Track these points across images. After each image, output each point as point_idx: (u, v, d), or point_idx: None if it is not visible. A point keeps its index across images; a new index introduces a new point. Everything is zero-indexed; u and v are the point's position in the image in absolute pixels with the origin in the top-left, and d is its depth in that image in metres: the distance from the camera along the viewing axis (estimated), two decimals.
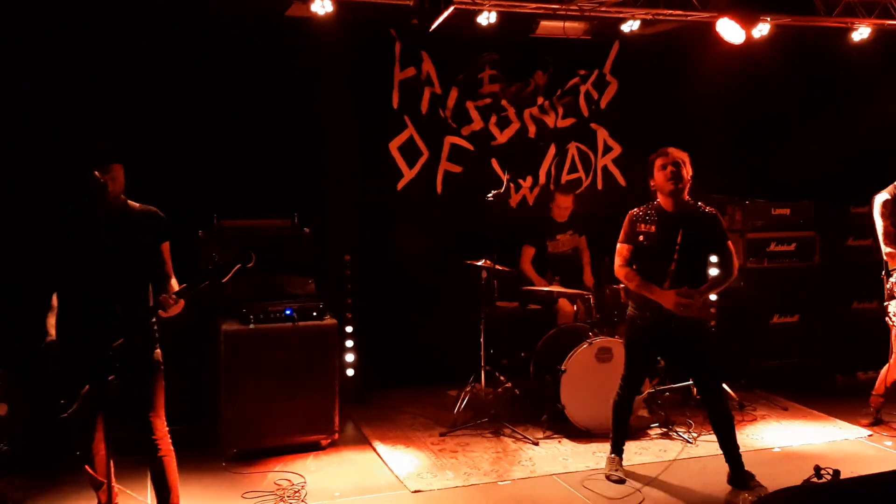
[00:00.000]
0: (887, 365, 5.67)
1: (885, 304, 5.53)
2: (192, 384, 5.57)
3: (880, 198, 5.54)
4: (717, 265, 4.85)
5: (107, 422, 3.62)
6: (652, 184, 4.74)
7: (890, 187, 5.54)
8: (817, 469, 4.53)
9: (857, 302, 7.21)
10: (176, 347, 5.27)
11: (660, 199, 4.73)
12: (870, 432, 5.67)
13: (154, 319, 3.90)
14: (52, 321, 3.79)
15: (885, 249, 5.49)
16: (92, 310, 3.71)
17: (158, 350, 3.96)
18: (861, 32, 6.66)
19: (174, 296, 3.79)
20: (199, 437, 5.34)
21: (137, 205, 3.94)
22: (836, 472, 4.51)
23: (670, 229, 4.62)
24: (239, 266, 3.80)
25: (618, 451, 4.92)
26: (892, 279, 5.46)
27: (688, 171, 4.68)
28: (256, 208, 5.91)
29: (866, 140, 7.27)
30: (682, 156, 4.70)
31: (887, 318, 5.51)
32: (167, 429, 3.98)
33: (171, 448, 3.98)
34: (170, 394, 4.03)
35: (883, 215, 5.49)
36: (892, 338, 5.54)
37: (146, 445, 3.91)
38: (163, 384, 3.96)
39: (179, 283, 3.97)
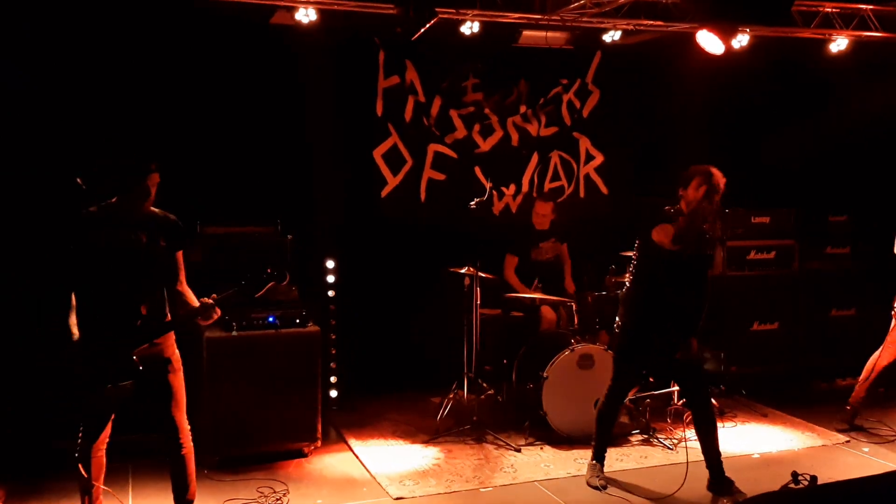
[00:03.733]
0: (878, 351, 5.72)
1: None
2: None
3: None
4: None
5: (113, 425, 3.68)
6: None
7: None
8: (795, 475, 4.58)
9: (836, 309, 7.30)
10: None
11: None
12: (847, 438, 5.74)
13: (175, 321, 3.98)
14: (73, 320, 3.82)
15: None
16: (115, 311, 3.77)
17: (178, 351, 4.04)
18: (839, 44, 6.76)
19: (209, 304, 3.87)
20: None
21: (158, 211, 3.99)
22: (814, 478, 4.57)
23: None
24: (273, 283, 3.87)
25: (599, 458, 4.96)
26: None
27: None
28: (239, 215, 5.90)
29: (843, 150, 7.38)
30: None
31: (894, 312, 5.57)
32: (189, 427, 4.08)
33: (192, 445, 4.10)
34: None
35: None
36: (892, 328, 5.59)
37: (169, 443, 4.00)
38: (183, 383, 4.03)
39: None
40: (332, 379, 6.36)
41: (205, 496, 4.75)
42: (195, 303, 3.96)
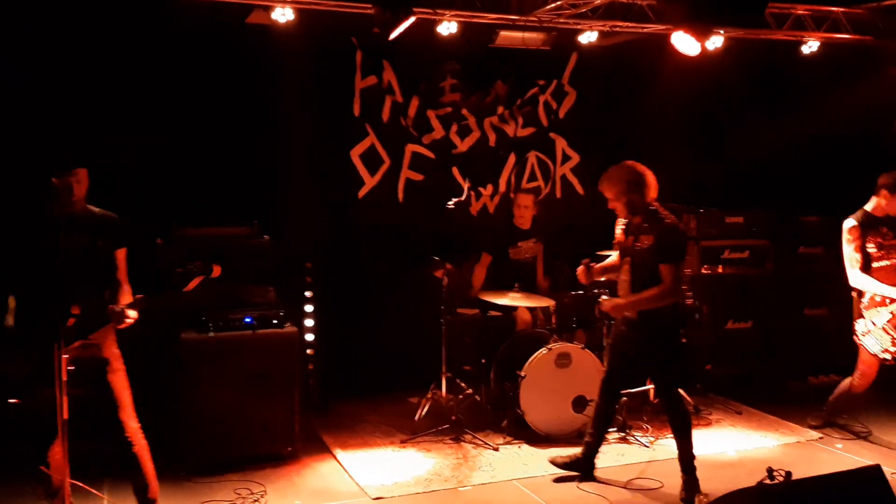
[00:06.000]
0: (849, 379, 5.74)
1: (854, 322, 5.62)
2: (151, 393, 5.50)
3: (847, 224, 5.56)
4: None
5: (67, 425, 3.61)
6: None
7: (857, 213, 5.57)
8: (770, 471, 4.63)
9: (808, 308, 7.40)
10: (135, 356, 5.25)
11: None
12: (821, 435, 5.81)
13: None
14: (10, 322, 3.76)
15: (850, 275, 5.52)
16: (49, 313, 3.67)
17: (118, 350, 3.96)
18: (810, 46, 6.85)
19: (126, 308, 3.78)
20: (159, 447, 5.25)
21: (97, 210, 3.93)
22: (788, 474, 4.61)
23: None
24: (202, 278, 3.81)
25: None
26: (863, 301, 5.54)
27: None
28: (217, 216, 5.87)
29: (816, 151, 7.48)
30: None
31: (854, 337, 5.61)
32: (138, 425, 4.02)
33: (145, 443, 4.04)
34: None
35: (849, 241, 5.52)
36: (860, 355, 5.62)
37: (119, 445, 3.95)
38: (127, 383, 3.97)
39: (136, 291, 3.96)
40: (310, 380, 6.34)
41: (181, 498, 4.73)
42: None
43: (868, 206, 5.58)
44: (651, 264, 4.64)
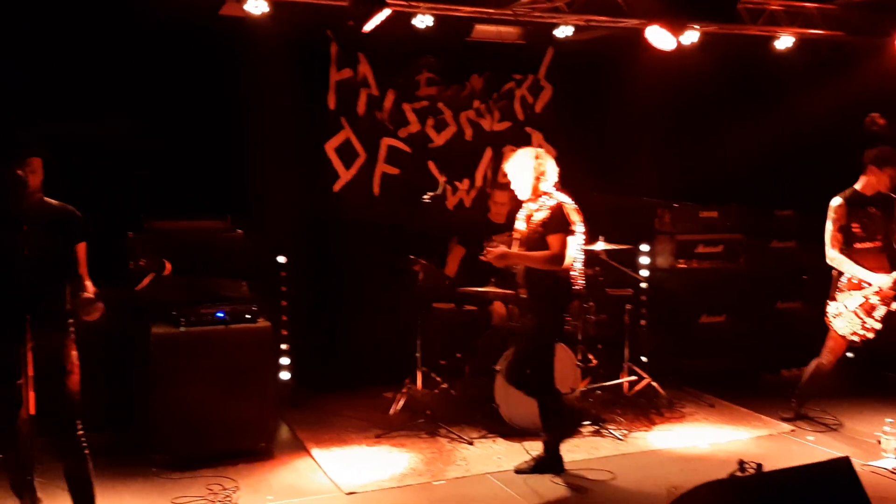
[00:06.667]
0: (816, 359, 5.83)
1: (827, 302, 5.67)
2: (122, 389, 5.47)
3: (834, 202, 5.58)
4: None
5: (26, 424, 3.52)
6: None
7: (847, 191, 5.58)
8: (741, 463, 4.68)
9: (781, 302, 7.46)
10: (106, 351, 5.20)
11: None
12: (793, 428, 5.87)
13: (71, 321, 3.80)
14: None
15: (828, 253, 5.57)
16: (4, 309, 3.58)
17: (75, 352, 3.86)
18: (784, 41, 6.88)
19: (92, 297, 3.70)
20: (130, 443, 5.24)
21: (55, 202, 3.82)
22: (760, 466, 4.66)
23: None
24: (154, 275, 3.74)
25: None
26: (841, 281, 5.57)
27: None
28: (190, 209, 5.81)
29: (789, 145, 7.53)
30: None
31: (826, 318, 5.66)
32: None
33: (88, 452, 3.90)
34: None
35: (833, 219, 5.55)
36: (829, 334, 5.69)
37: (67, 448, 3.81)
38: (79, 386, 3.86)
39: (102, 286, 3.88)
40: (285, 375, 6.30)
41: (152, 495, 4.69)
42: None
43: (857, 185, 5.58)
44: (541, 238, 4.74)
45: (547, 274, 4.76)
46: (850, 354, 6.70)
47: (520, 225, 4.99)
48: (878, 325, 5.43)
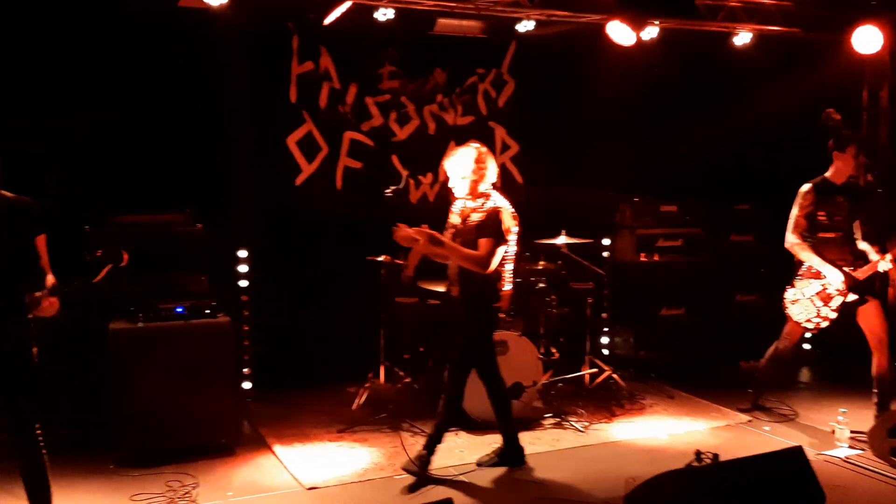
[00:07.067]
0: (774, 344, 5.94)
1: (786, 289, 5.76)
2: (81, 386, 5.40)
3: (803, 188, 5.61)
4: None
5: None
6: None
7: (817, 178, 5.61)
8: (698, 453, 4.74)
9: (740, 295, 7.58)
10: (64, 348, 5.13)
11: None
12: (750, 418, 5.96)
13: (31, 316, 3.74)
14: None
15: (787, 238, 5.62)
16: None
17: (35, 349, 3.80)
18: (742, 37, 6.97)
19: (44, 294, 3.64)
20: (88, 439, 5.17)
21: (11, 195, 3.76)
22: (716, 456, 4.73)
23: None
24: (111, 266, 3.69)
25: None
26: (801, 268, 5.66)
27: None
28: (150, 203, 5.74)
29: (747, 140, 7.65)
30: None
31: (784, 304, 5.74)
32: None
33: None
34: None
35: (800, 205, 5.58)
36: (787, 321, 5.78)
37: (23, 446, 3.76)
38: (37, 383, 3.81)
39: (64, 280, 3.83)
40: (246, 370, 6.26)
41: (111, 492, 4.63)
42: None
43: (827, 173, 5.62)
44: (474, 239, 4.68)
45: (475, 273, 4.69)
46: (807, 346, 6.85)
47: (454, 219, 4.91)
48: (834, 315, 5.52)
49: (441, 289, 5.87)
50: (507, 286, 4.89)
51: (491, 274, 4.71)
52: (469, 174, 4.77)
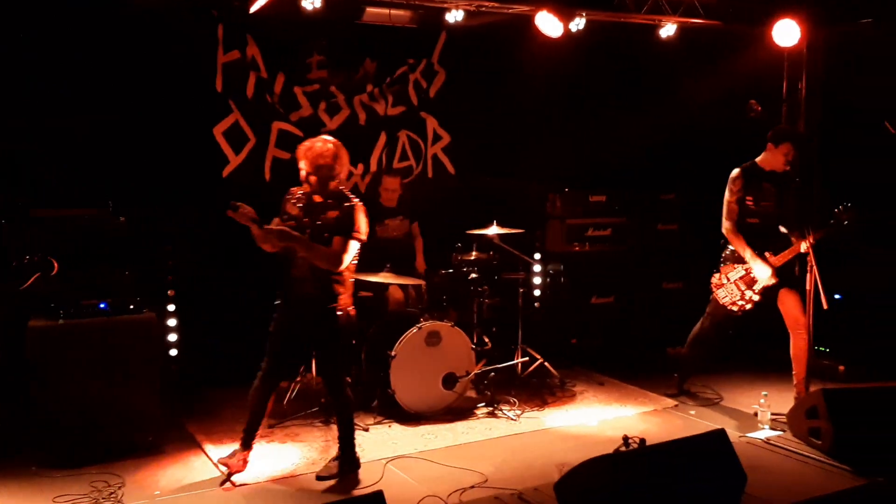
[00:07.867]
0: (698, 323, 6.09)
1: (714, 274, 5.89)
2: (2, 385, 5.20)
3: (732, 173, 5.70)
4: None
5: None
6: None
7: (747, 163, 5.71)
8: (626, 438, 4.86)
9: (666, 282, 7.76)
10: None
11: None
12: (676, 403, 6.11)
13: None
14: None
15: (724, 224, 5.72)
16: None
17: None
18: (667, 29, 7.09)
19: None
20: (7, 441, 4.99)
21: None
22: (643, 441, 4.86)
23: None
24: (39, 274, 3.58)
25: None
26: (726, 252, 5.80)
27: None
28: (72, 197, 5.55)
29: (672, 132, 7.81)
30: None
31: (711, 286, 5.89)
32: None
33: None
34: None
35: (731, 190, 5.67)
36: (711, 302, 5.93)
37: None
38: None
39: None
40: (173, 367, 6.10)
41: (32, 494, 4.48)
42: None
43: (757, 159, 5.74)
44: (330, 236, 4.59)
45: (327, 270, 4.60)
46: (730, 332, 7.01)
47: (293, 211, 4.78)
48: (757, 298, 5.69)
49: (374, 279, 5.85)
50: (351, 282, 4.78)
51: (342, 272, 4.64)
52: (324, 168, 4.66)
